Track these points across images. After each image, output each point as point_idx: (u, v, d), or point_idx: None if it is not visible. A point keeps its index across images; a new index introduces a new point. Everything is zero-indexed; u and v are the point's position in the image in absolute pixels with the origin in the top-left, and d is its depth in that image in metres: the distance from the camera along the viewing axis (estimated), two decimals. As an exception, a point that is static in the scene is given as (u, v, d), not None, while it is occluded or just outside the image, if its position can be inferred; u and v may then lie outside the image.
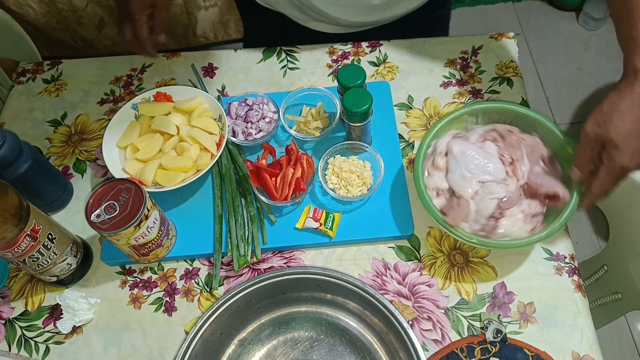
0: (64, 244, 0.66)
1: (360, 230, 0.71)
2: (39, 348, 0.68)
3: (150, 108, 0.78)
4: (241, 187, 0.75)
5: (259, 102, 0.79)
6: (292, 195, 0.71)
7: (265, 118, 0.78)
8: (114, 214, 0.61)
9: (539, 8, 2.13)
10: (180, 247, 0.72)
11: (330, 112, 0.80)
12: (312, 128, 0.77)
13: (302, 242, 0.71)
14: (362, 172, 0.73)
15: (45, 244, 0.63)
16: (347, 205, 0.73)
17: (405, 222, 0.71)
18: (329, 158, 0.75)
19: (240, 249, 0.69)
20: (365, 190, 0.72)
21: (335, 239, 0.71)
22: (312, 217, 0.70)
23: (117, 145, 0.76)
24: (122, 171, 0.74)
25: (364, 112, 0.69)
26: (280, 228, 0.72)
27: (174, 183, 0.70)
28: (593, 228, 1.60)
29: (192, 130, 0.75)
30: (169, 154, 0.74)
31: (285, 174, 0.71)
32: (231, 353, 0.68)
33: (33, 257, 0.62)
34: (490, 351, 0.62)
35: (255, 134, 0.77)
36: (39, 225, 0.61)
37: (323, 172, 0.74)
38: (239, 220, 0.71)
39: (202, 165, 0.72)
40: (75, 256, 0.69)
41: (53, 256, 0.64)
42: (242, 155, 0.78)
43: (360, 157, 0.75)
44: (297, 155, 0.72)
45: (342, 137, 0.78)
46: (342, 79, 0.72)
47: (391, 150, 0.77)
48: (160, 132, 0.75)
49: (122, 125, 0.77)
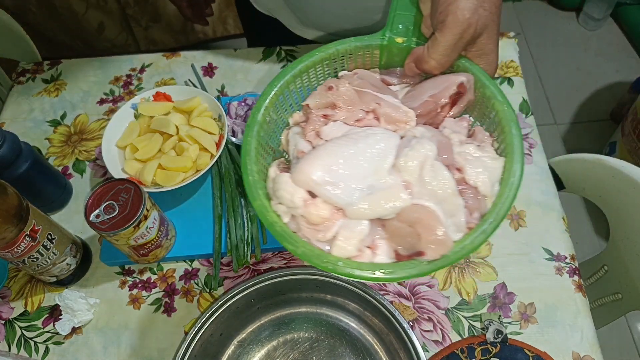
0: (64, 244, 0.66)
1: None
2: (38, 348, 0.67)
3: (149, 108, 0.77)
4: (241, 187, 0.75)
5: None
6: None
7: None
8: (114, 214, 0.61)
9: (539, 8, 2.13)
10: (180, 247, 0.72)
11: None
12: None
13: None
14: None
15: (45, 244, 0.62)
16: None
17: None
18: None
19: (239, 250, 0.69)
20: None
21: None
22: None
23: (116, 145, 0.76)
24: (122, 171, 0.73)
25: None
26: None
27: (174, 183, 0.70)
28: (593, 228, 1.60)
29: (191, 130, 0.75)
30: (168, 154, 0.74)
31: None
32: (231, 354, 0.68)
33: (32, 257, 0.62)
34: (491, 352, 0.62)
35: None
36: (38, 225, 0.61)
37: None
38: (239, 221, 0.71)
39: (202, 165, 0.72)
40: (75, 256, 0.68)
41: (52, 256, 0.64)
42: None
43: None
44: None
45: None
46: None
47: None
48: (160, 132, 0.75)
49: (121, 125, 0.77)
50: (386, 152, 0.39)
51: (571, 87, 1.90)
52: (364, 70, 0.48)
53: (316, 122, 0.42)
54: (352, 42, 0.46)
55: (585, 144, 1.77)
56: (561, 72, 1.93)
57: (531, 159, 0.78)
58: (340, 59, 0.48)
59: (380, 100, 0.43)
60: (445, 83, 0.43)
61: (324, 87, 0.45)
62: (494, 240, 0.71)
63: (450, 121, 0.45)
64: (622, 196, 0.76)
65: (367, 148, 0.39)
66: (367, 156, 0.39)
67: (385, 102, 0.43)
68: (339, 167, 0.38)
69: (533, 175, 0.76)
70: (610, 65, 1.94)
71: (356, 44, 0.46)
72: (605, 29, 2.04)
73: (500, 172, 0.41)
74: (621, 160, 0.75)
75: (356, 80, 0.45)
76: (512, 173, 0.40)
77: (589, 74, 1.93)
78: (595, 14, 1.98)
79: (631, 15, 1.97)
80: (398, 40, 0.46)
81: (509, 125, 0.42)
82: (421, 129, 0.42)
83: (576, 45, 2.01)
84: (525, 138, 0.80)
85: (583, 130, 1.81)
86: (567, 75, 1.93)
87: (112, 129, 0.76)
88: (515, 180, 0.39)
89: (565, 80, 1.91)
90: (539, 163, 0.78)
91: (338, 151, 0.39)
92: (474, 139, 0.44)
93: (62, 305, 0.66)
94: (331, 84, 0.44)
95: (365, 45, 0.47)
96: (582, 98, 1.87)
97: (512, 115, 0.42)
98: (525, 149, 0.79)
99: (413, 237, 0.37)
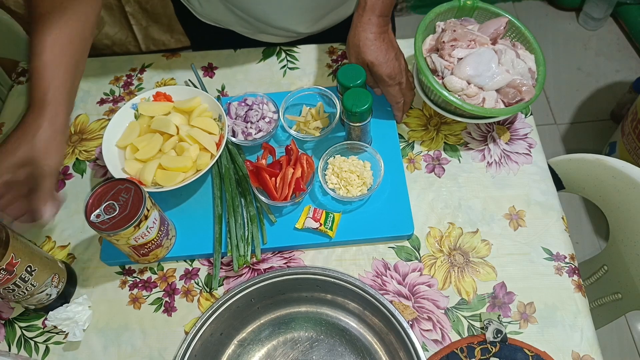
0: (45, 275, 0.64)
1: (360, 230, 0.71)
2: (38, 348, 0.68)
3: (149, 108, 0.77)
4: (241, 187, 0.75)
5: (259, 102, 0.79)
6: (292, 195, 0.70)
7: (265, 118, 0.78)
8: (114, 214, 0.61)
9: (539, 8, 2.13)
10: (180, 247, 0.72)
11: (330, 112, 0.80)
12: (312, 128, 0.77)
13: (302, 242, 0.71)
14: (362, 172, 0.73)
15: (23, 276, 0.60)
16: (347, 205, 0.73)
17: (405, 222, 0.71)
18: (328, 158, 0.74)
19: (240, 249, 0.69)
20: (365, 190, 0.72)
21: (335, 239, 0.71)
22: (312, 217, 0.70)
23: (116, 145, 0.76)
24: (122, 171, 0.73)
25: (364, 111, 0.69)
26: (280, 228, 0.72)
27: (174, 183, 0.70)
28: (593, 228, 1.60)
29: (191, 130, 0.75)
30: (168, 154, 0.74)
31: (285, 174, 0.70)
32: (231, 353, 0.68)
33: (8, 288, 0.60)
34: (491, 351, 0.62)
35: (255, 134, 0.77)
36: (17, 258, 0.59)
37: (323, 172, 0.74)
38: (239, 220, 0.71)
39: (202, 165, 0.72)
40: (57, 286, 0.67)
41: (31, 288, 0.62)
42: (242, 155, 0.78)
43: (360, 157, 0.75)
44: (297, 155, 0.72)
45: (342, 137, 0.78)
46: (341, 78, 0.72)
47: (391, 150, 0.77)
48: (160, 132, 0.75)
49: (121, 125, 0.77)
50: (493, 57, 0.73)
51: (571, 87, 1.90)
52: (453, 19, 0.80)
53: (449, 49, 0.75)
54: (445, 6, 0.79)
55: (585, 144, 1.77)
56: (561, 72, 1.93)
57: (531, 159, 0.78)
58: (440, 15, 0.79)
59: (474, 34, 0.76)
60: (499, 22, 0.77)
61: (450, 30, 0.75)
62: (494, 240, 0.71)
63: (504, 40, 0.80)
64: (622, 196, 0.76)
65: (484, 56, 0.73)
66: (485, 61, 0.73)
67: (477, 35, 0.76)
68: (476, 67, 0.72)
69: (533, 175, 0.77)
70: (610, 65, 1.94)
71: (447, 6, 0.79)
72: (605, 29, 2.04)
73: (533, 56, 0.78)
74: (621, 160, 0.75)
75: (459, 25, 0.77)
76: (540, 62, 0.77)
77: (589, 74, 1.93)
78: (595, 14, 1.98)
79: (631, 15, 1.97)
80: (468, 2, 0.79)
81: (531, 40, 0.78)
82: (500, 46, 0.76)
83: (576, 45, 2.01)
84: (525, 138, 0.80)
85: (583, 130, 1.81)
86: (567, 75, 1.93)
87: (113, 129, 0.76)
88: (541, 61, 0.77)
89: (565, 80, 1.91)
90: (539, 163, 0.78)
91: (472, 60, 0.73)
92: (515, 47, 0.78)
93: (57, 324, 0.65)
94: (454, 28, 0.75)
95: (451, 7, 0.79)
96: (582, 98, 1.87)
97: (531, 36, 0.78)
98: (525, 149, 0.79)
99: (515, 93, 0.73)
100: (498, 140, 0.80)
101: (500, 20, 0.77)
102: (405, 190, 0.74)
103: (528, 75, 0.75)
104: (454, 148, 0.79)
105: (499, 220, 0.73)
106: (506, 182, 0.76)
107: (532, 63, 0.76)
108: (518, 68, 0.75)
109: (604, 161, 0.77)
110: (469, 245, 0.71)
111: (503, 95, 0.73)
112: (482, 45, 0.75)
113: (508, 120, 0.81)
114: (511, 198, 0.75)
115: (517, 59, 0.75)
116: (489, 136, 0.80)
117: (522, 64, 0.75)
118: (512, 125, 0.81)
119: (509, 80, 0.73)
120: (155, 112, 0.77)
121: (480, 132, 0.81)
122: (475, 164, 0.78)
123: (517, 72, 0.74)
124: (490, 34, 0.76)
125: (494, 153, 0.79)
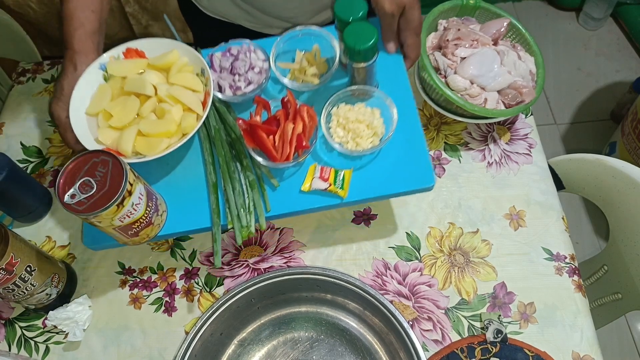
0: (45, 275, 0.63)
1: (375, 187, 0.63)
2: (39, 348, 0.68)
3: (121, 67, 0.67)
4: (235, 149, 0.66)
5: (245, 50, 0.69)
6: (294, 154, 0.61)
7: (254, 68, 0.67)
8: (92, 192, 0.52)
9: (539, 8, 2.13)
10: (173, 223, 0.64)
11: (329, 57, 0.70)
12: (309, 75, 0.68)
13: (310, 205, 0.63)
14: (372, 121, 0.63)
15: (23, 276, 0.60)
16: (357, 160, 0.64)
17: (425, 172, 0.63)
18: (331, 108, 0.65)
19: (242, 220, 0.61)
20: (377, 141, 0.63)
21: (348, 199, 0.62)
22: (320, 177, 0.62)
23: (86, 113, 0.65)
24: (95, 142, 0.63)
25: (369, 49, 0.59)
26: (283, 193, 0.64)
27: (158, 151, 0.61)
28: (593, 228, 1.60)
29: (171, 88, 0.64)
30: (148, 118, 0.64)
31: (284, 131, 0.61)
32: (231, 353, 0.68)
33: (8, 288, 0.60)
34: (491, 351, 0.62)
35: (245, 88, 0.67)
36: (17, 258, 0.58)
37: (326, 125, 0.64)
38: (237, 188, 0.63)
39: (188, 129, 0.62)
40: (57, 286, 0.66)
41: (30, 288, 0.62)
42: (232, 113, 0.69)
43: (367, 104, 0.65)
44: (296, 107, 0.63)
45: (345, 84, 0.69)
46: (339, 12, 0.61)
47: (401, 92, 0.67)
48: (136, 93, 0.65)
49: (89, 89, 0.66)
50: (495, 58, 0.74)
51: (571, 87, 1.90)
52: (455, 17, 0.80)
53: (452, 48, 0.75)
54: (447, 4, 0.79)
55: (585, 144, 1.77)
56: (561, 72, 1.93)
57: (531, 159, 0.78)
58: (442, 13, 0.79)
59: (477, 34, 0.76)
60: (500, 23, 0.78)
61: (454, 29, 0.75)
62: (494, 240, 0.71)
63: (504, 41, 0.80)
64: (622, 196, 0.76)
65: (487, 57, 0.73)
66: (488, 61, 0.73)
67: (479, 35, 0.76)
68: (480, 67, 0.73)
69: (533, 175, 0.77)
70: (610, 65, 1.94)
71: (450, 4, 0.79)
72: (605, 29, 2.04)
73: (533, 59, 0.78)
74: (621, 160, 0.75)
75: (461, 24, 0.77)
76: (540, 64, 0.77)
77: (589, 74, 1.93)
78: (595, 14, 1.98)
79: (631, 15, 1.96)
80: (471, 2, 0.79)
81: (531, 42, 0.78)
82: (502, 47, 0.76)
83: (576, 45, 2.00)
84: (525, 138, 0.80)
85: (583, 130, 1.81)
86: (567, 75, 1.93)
87: (79, 95, 0.64)
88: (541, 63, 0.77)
89: (565, 80, 1.91)
90: (539, 163, 0.78)
91: (476, 60, 0.73)
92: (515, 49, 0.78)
93: (57, 324, 0.65)
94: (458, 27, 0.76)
95: (454, 5, 0.79)
96: (582, 98, 1.87)
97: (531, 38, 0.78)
98: (525, 149, 0.79)
99: (516, 94, 0.73)
100: (498, 140, 0.80)
101: (502, 21, 0.78)
102: (421, 137, 0.65)
103: (529, 77, 0.75)
104: (454, 148, 0.79)
105: (499, 220, 0.73)
106: (506, 182, 0.76)
107: (532, 65, 0.76)
108: (519, 69, 0.75)
109: (604, 161, 0.77)
110: (469, 245, 0.71)
111: (504, 96, 0.73)
112: (484, 46, 0.75)
113: (508, 120, 0.81)
114: (511, 198, 0.75)
115: (518, 61, 0.75)
116: (490, 136, 0.80)
117: (523, 66, 0.75)
118: (513, 125, 0.81)
119: (510, 81, 0.73)
120: (127, 72, 0.67)
121: (480, 132, 0.81)
122: (475, 164, 0.78)
123: (518, 73, 0.74)
124: (492, 34, 0.76)
125: (494, 153, 0.79)
